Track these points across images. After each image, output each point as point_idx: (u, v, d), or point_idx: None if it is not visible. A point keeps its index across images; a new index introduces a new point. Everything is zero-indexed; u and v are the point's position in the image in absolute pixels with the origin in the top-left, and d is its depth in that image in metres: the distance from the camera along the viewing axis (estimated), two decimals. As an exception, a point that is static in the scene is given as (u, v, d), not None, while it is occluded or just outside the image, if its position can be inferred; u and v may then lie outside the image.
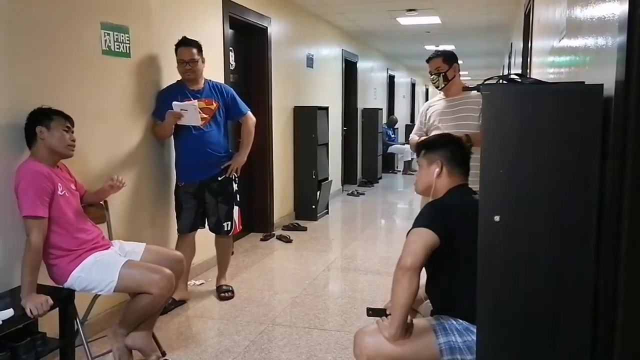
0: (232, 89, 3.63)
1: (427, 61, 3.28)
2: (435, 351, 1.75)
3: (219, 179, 3.46)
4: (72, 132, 2.46)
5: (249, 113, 3.62)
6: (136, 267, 2.47)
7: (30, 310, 2.11)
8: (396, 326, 1.73)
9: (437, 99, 3.38)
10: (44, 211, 2.27)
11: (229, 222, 3.54)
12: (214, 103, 3.41)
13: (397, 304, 1.73)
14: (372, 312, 1.96)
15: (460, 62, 3.38)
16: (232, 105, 3.52)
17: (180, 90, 3.37)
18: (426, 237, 1.73)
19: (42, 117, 2.38)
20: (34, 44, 2.56)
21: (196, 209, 3.49)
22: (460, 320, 1.77)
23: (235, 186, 3.56)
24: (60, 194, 2.37)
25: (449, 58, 3.21)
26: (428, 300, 2.02)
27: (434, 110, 3.30)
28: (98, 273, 2.39)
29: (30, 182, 2.26)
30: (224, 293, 3.63)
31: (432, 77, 3.25)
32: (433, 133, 3.22)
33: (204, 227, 3.59)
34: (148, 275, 2.43)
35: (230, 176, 3.50)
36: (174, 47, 3.36)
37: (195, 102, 3.28)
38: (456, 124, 3.09)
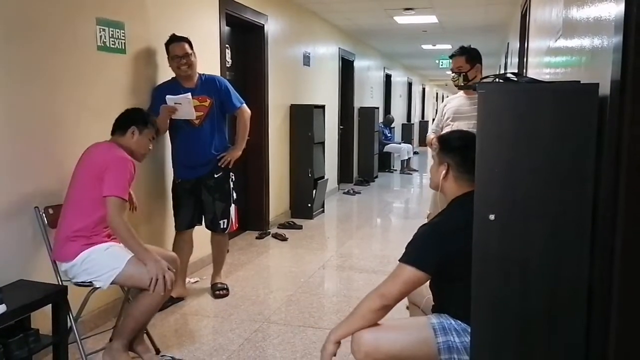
0: (226, 80, 3.60)
1: (451, 57, 3.21)
2: (433, 349, 1.75)
3: (215, 176, 3.45)
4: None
5: (244, 106, 3.58)
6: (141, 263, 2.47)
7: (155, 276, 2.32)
8: (343, 333, 1.80)
9: (457, 96, 3.33)
10: (127, 196, 2.45)
11: (225, 220, 3.52)
12: (207, 100, 3.39)
13: (357, 317, 1.78)
14: None
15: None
16: (226, 98, 3.48)
17: (174, 88, 3.34)
18: (410, 277, 1.74)
19: (140, 120, 2.59)
20: (29, 39, 2.54)
21: (193, 205, 3.48)
22: (459, 321, 1.77)
23: (232, 184, 3.55)
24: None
25: (473, 58, 3.13)
26: (430, 297, 2.01)
27: (450, 107, 3.24)
28: (107, 259, 2.39)
29: (123, 168, 2.41)
30: (218, 291, 3.62)
31: (453, 75, 3.18)
32: (445, 130, 3.20)
33: (201, 224, 3.58)
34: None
35: (222, 165, 3.45)
36: (165, 45, 3.34)
37: (189, 94, 3.26)
38: (468, 123, 3.04)
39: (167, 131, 3.46)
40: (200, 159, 3.40)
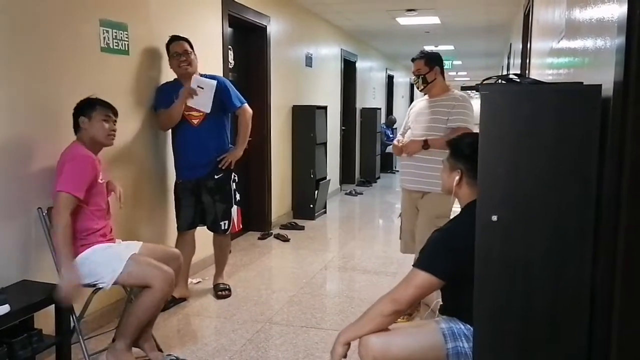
0: (227, 80, 3.59)
1: (412, 61, 3.28)
2: (442, 354, 1.74)
3: (216, 177, 3.45)
4: (114, 122, 2.58)
5: (245, 106, 3.56)
6: (142, 260, 2.49)
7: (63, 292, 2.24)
8: (354, 335, 1.80)
9: (421, 99, 3.40)
10: (81, 194, 2.37)
11: (226, 221, 3.51)
12: None
13: (367, 320, 1.78)
14: None
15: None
16: (226, 97, 3.45)
17: (177, 88, 3.34)
18: (422, 282, 1.74)
19: (85, 108, 2.52)
20: (33, 40, 2.55)
21: (195, 206, 3.48)
22: (468, 326, 1.77)
23: (233, 185, 3.55)
24: (100, 181, 2.49)
25: (432, 60, 3.19)
26: (439, 299, 2.01)
27: (414, 110, 3.32)
28: (107, 259, 2.41)
29: (78, 164, 2.38)
30: (221, 291, 3.62)
31: (413, 78, 3.27)
32: (407, 134, 3.26)
33: (204, 225, 3.57)
34: (152, 270, 2.44)
35: (222, 166, 3.45)
36: (165, 46, 3.35)
37: (215, 82, 3.26)
38: (426, 126, 3.12)
39: (170, 131, 3.47)
40: (199, 160, 3.40)
